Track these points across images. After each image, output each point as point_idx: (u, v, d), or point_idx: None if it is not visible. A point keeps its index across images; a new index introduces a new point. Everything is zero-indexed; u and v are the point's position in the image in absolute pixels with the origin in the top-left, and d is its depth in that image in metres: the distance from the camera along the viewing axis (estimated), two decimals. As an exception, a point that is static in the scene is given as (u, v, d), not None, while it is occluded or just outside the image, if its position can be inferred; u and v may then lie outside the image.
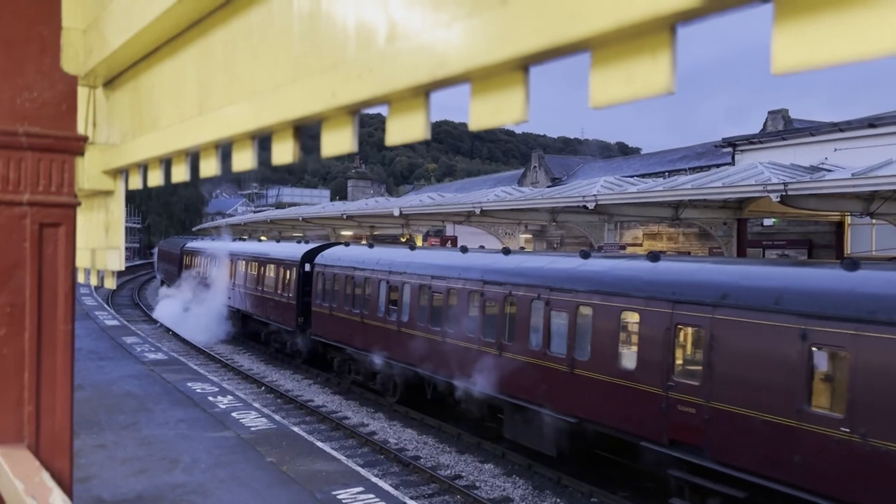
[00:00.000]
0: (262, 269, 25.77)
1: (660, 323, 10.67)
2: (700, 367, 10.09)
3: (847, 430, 8.20)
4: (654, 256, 12.11)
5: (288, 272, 23.38)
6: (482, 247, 17.93)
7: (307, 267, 22.45)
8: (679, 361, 10.54)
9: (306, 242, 27.10)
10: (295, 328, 22.73)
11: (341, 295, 20.17)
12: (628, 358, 11.34)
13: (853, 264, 9.26)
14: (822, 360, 8.87)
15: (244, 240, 37.15)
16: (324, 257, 21.97)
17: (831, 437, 8.37)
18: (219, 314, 28.13)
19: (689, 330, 10.46)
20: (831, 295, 8.84)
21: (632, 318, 11.45)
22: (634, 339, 11.37)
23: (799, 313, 8.89)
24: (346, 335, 19.77)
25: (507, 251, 16.26)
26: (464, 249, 17.68)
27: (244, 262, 27.76)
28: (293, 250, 24.40)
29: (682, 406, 10.19)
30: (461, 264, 16.04)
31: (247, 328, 27.50)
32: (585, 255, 13.70)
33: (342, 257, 21.12)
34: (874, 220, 20.83)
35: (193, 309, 29.92)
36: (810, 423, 8.60)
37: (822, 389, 8.79)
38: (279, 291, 23.89)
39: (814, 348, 8.76)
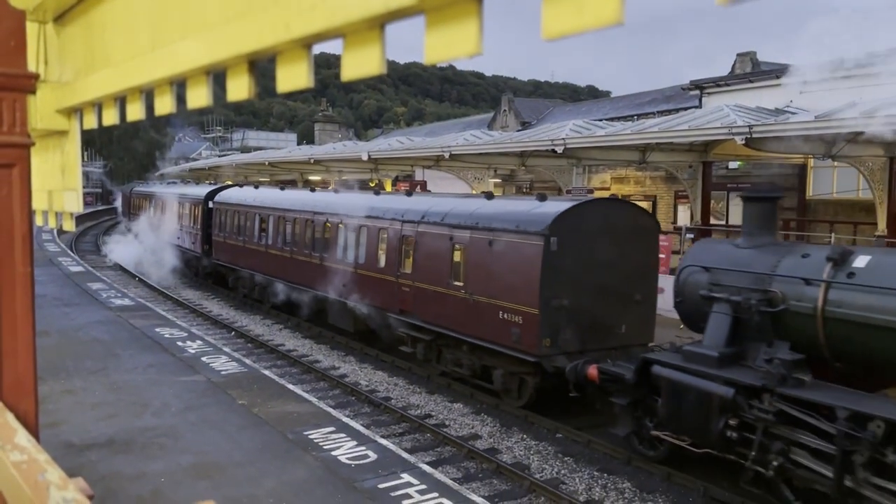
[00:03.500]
0: (181, 207, 30.41)
1: (395, 235, 16.05)
2: (411, 261, 15.45)
3: (466, 294, 13.71)
4: (408, 194, 18.67)
5: (196, 208, 28.29)
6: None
7: (210, 204, 27.15)
8: (404, 258, 15.77)
9: (212, 184, 33.11)
10: (201, 254, 27.67)
11: (231, 226, 25.15)
12: (381, 259, 16.60)
13: (490, 196, 15.38)
14: (457, 253, 14.18)
15: (177, 183, 41.08)
16: (221, 196, 26.95)
17: (459, 297, 13.88)
18: (157, 248, 31.64)
19: (409, 238, 15.62)
20: (465, 214, 14.19)
21: (384, 234, 16.55)
22: (385, 246, 16.51)
23: (450, 225, 14.39)
24: (234, 258, 24.98)
25: (336, 191, 22.50)
26: (312, 190, 23.83)
27: (171, 202, 31.97)
28: (200, 190, 29.59)
29: (404, 287, 15.61)
30: (304, 200, 21.27)
31: (178, 259, 31.02)
32: (377, 193, 19.62)
33: (232, 196, 26.22)
34: (836, 163, 21.18)
35: (139, 245, 33.56)
36: (452, 291, 14.10)
37: (457, 270, 14.14)
38: (191, 224, 28.83)
39: (456, 245, 14.14)
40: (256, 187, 27.26)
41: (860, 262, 8.74)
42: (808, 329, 8.94)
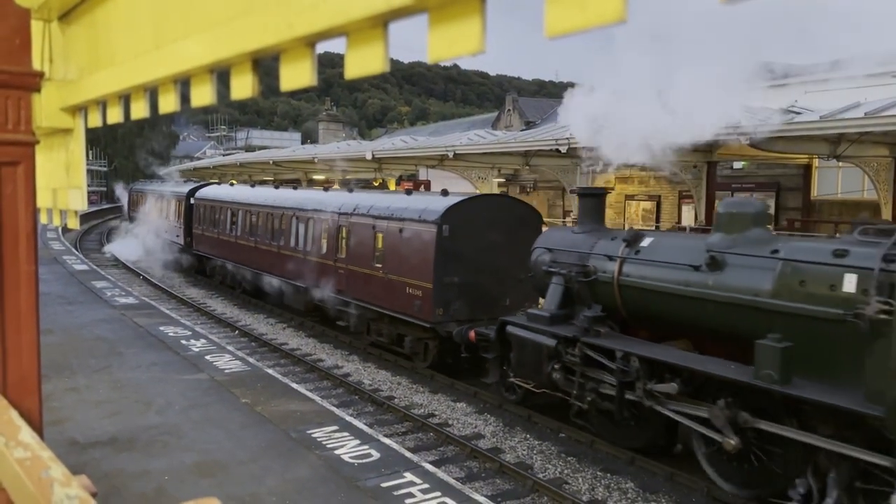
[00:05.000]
0: (169, 203, 33.20)
1: (334, 225, 18.55)
2: (345, 247, 17.90)
3: (383, 273, 16.19)
4: (349, 189, 21.34)
5: (180, 204, 31.10)
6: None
7: (192, 200, 29.91)
8: (340, 245, 18.18)
9: (194, 182, 36.06)
10: (184, 245, 30.44)
11: (209, 220, 27.85)
12: (323, 247, 19.05)
13: (409, 192, 18.82)
14: (379, 238, 16.55)
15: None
16: (200, 193, 29.79)
17: (379, 276, 16.33)
18: (151, 240, 34.44)
19: (344, 228, 18.10)
20: (384, 207, 16.70)
21: (325, 225, 18.97)
22: (326, 235, 19.00)
23: (373, 216, 16.86)
24: (210, 248, 27.75)
25: (295, 187, 25.86)
26: (276, 187, 26.90)
27: (161, 199, 34.78)
28: (183, 188, 32.44)
29: (340, 270, 18.02)
30: (266, 196, 24.03)
31: (168, 251, 33.44)
32: (327, 189, 22.79)
33: (210, 193, 29.20)
34: (840, 163, 21.12)
35: (136, 238, 36.58)
36: (374, 271, 16.56)
37: (378, 254, 16.56)
38: (176, 219, 31.71)
39: (377, 233, 16.56)
40: (232, 185, 30.70)
41: (645, 242, 11.09)
42: (610, 294, 11.35)
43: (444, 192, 16.38)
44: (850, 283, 8.06)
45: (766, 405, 8.70)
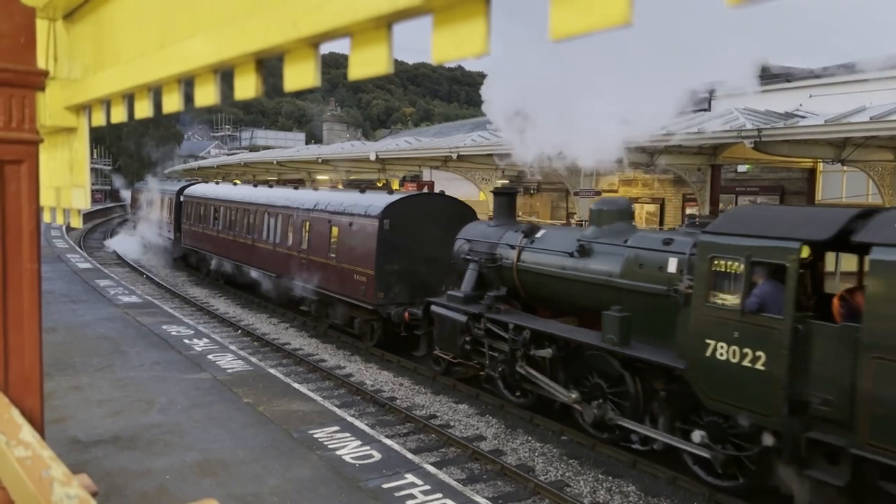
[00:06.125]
0: (162, 200, 35.07)
1: (298, 220, 20.49)
2: (308, 240, 19.73)
3: (336, 262, 17.90)
4: (315, 189, 23.66)
5: (171, 201, 33.17)
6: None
7: (181, 198, 31.90)
8: (303, 238, 19.99)
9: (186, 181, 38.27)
10: (174, 239, 32.62)
11: (195, 215, 29.82)
12: (291, 239, 20.90)
13: (363, 190, 20.06)
14: (334, 231, 18.27)
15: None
16: (189, 191, 31.88)
17: (333, 265, 18.06)
18: (148, 236, 37.03)
19: (306, 222, 19.95)
20: (338, 203, 18.57)
21: (293, 221, 20.77)
22: (292, 229, 20.85)
23: (329, 212, 18.71)
24: (198, 242, 29.63)
25: (270, 186, 28.35)
26: (255, 185, 29.00)
27: (156, 197, 36.57)
28: (173, 186, 34.59)
29: (302, 261, 19.81)
30: (244, 193, 25.82)
31: (161, 246, 35.90)
32: (296, 188, 25.17)
33: (197, 191, 31.21)
34: (845, 167, 21.07)
35: (135, 234, 39.41)
36: (329, 261, 18.30)
37: (333, 245, 18.28)
38: (167, 215, 33.89)
39: (332, 227, 18.27)
40: (217, 184, 33.61)
41: (540, 234, 13.00)
42: (511, 277, 13.18)
43: (390, 191, 18.58)
44: (672, 265, 10.08)
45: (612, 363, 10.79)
